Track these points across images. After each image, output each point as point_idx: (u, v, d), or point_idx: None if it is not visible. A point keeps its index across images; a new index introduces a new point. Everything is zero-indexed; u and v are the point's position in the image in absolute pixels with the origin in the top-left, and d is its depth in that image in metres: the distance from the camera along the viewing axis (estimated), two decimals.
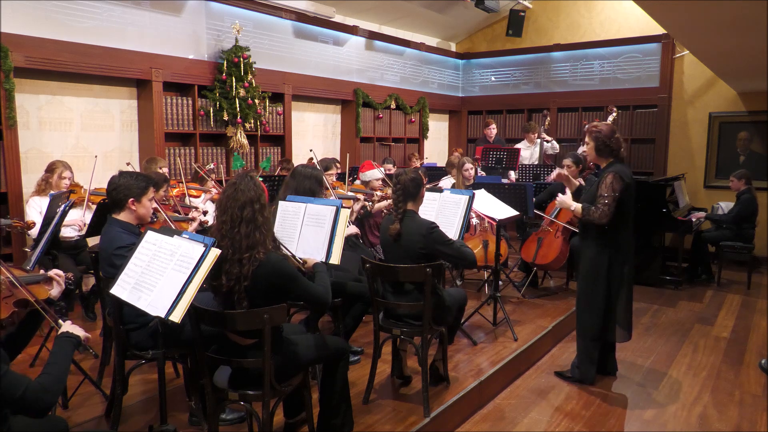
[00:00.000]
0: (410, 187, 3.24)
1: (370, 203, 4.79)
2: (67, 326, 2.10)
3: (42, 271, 2.42)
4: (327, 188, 4.34)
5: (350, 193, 4.76)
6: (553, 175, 4.56)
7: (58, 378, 1.93)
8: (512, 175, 6.97)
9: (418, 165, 8.16)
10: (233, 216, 2.38)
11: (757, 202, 6.47)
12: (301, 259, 2.80)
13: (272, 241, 2.47)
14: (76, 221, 4.30)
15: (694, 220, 6.36)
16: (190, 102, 5.91)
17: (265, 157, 6.61)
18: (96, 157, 4.75)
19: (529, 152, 7.74)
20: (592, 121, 7.98)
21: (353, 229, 3.93)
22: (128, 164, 4.61)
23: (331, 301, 3.32)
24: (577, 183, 4.23)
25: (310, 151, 5.39)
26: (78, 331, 2.09)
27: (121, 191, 2.84)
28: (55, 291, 2.37)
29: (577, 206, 3.64)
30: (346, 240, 3.23)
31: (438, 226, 3.22)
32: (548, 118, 7.99)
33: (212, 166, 5.73)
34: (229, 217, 2.39)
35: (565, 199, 3.78)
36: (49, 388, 1.87)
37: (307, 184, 3.55)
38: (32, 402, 1.81)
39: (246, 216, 2.37)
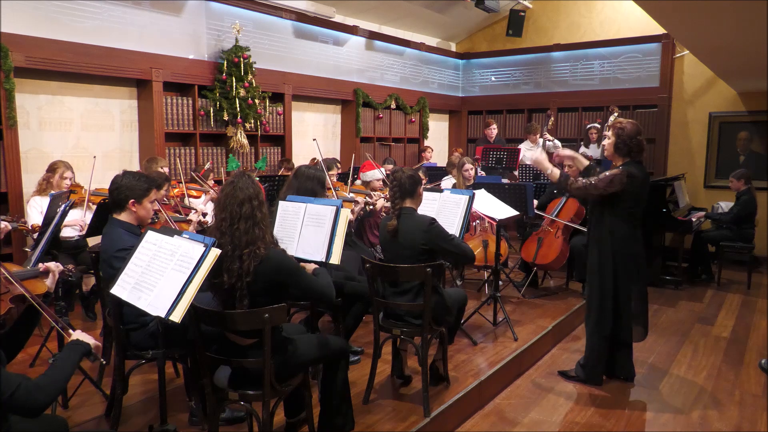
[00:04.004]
0: (407, 184, 3.24)
1: (372, 206, 4.78)
2: (78, 334, 2.07)
3: (40, 265, 2.40)
4: (329, 188, 4.34)
5: (350, 195, 4.75)
6: (562, 153, 4.31)
7: (56, 379, 1.90)
8: (516, 174, 7.00)
9: (430, 158, 8.26)
10: (232, 213, 2.41)
11: (756, 202, 6.45)
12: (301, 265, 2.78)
13: (271, 237, 2.49)
14: (76, 221, 4.31)
15: (694, 219, 6.36)
16: (190, 102, 5.91)
17: (263, 158, 6.61)
18: (95, 157, 4.75)
19: (531, 153, 7.73)
20: (593, 121, 8.00)
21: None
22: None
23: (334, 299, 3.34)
24: (585, 162, 4.01)
25: (314, 140, 5.36)
26: (88, 339, 2.07)
27: (122, 191, 2.83)
28: (49, 281, 2.36)
29: (554, 171, 3.57)
30: (345, 239, 3.23)
31: (437, 221, 3.24)
32: (552, 118, 7.98)
33: (209, 165, 5.73)
34: (228, 214, 2.42)
35: (542, 159, 3.66)
36: (45, 387, 1.83)
37: (309, 185, 3.56)
38: (24, 401, 1.78)
39: (245, 212, 2.40)
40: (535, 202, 5.52)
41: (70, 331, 2.09)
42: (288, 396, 2.72)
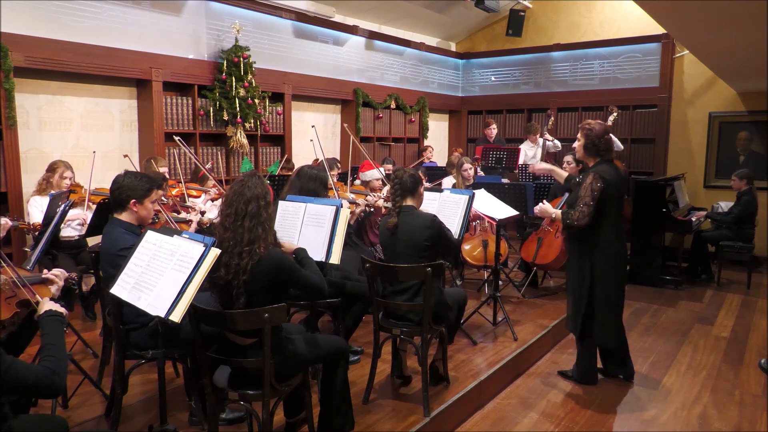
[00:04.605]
0: (408, 182, 3.28)
1: (372, 208, 4.78)
2: (47, 304, 2.10)
3: (45, 271, 2.43)
4: (331, 188, 4.34)
5: (351, 197, 4.75)
6: (539, 167, 4.40)
7: (61, 358, 1.94)
8: (516, 173, 7.02)
9: (431, 157, 8.26)
10: (238, 210, 2.43)
11: (757, 202, 6.46)
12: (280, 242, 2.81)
13: (274, 239, 2.51)
14: (78, 215, 4.31)
15: (694, 219, 6.36)
16: (190, 102, 5.91)
17: (276, 162, 6.59)
18: (94, 152, 4.75)
19: (533, 152, 7.75)
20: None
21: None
22: (126, 156, 4.62)
23: (331, 300, 3.35)
24: (565, 174, 4.13)
25: (312, 126, 5.34)
26: (57, 307, 2.09)
27: (124, 191, 2.83)
28: (53, 288, 2.39)
29: (557, 213, 3.64)
30: (344, 239, 3.24)
31: (437, 217, 3.29)
32: (552, 118, 7.98)
33: (209, 165, 5.72)
34: (234, 210, 2.44)
35: (546, 208, 3.77)
36: (57, 370, 1.88)
37: (312, 185, 3.56)
38: (47, 386, 1.84)
39: (251, 211, 2.43)
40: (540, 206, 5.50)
41: (38, 297, 2.10)
42: (288, 396, 2.72)
